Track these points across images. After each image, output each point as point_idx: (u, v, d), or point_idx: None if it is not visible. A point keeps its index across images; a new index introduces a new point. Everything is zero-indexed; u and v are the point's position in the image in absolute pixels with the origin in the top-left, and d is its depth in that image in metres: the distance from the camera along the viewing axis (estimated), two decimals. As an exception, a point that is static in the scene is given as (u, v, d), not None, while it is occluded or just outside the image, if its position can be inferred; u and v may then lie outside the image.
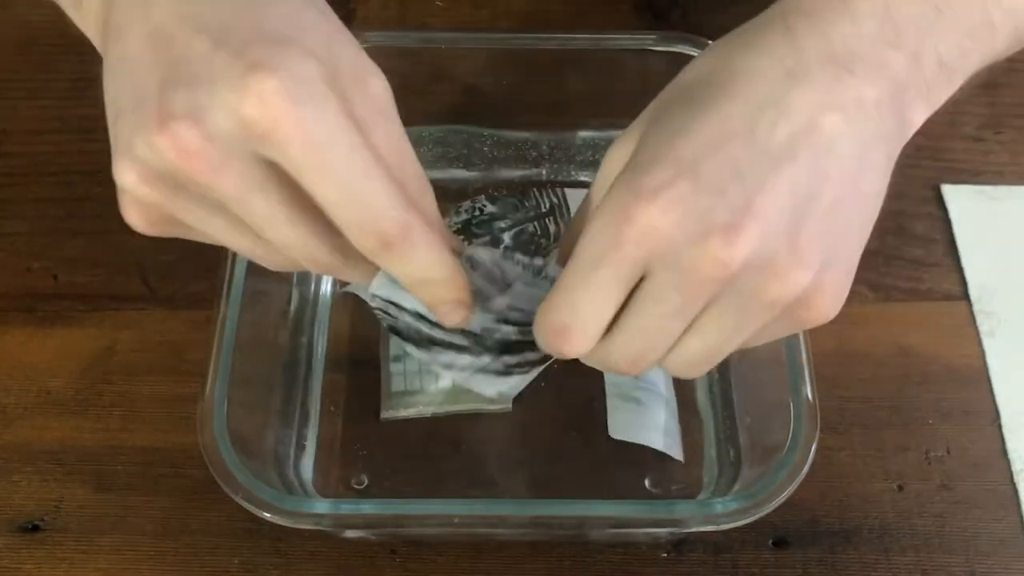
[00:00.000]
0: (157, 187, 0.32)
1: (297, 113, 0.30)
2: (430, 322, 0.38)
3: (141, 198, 0.33)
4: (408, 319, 0.38)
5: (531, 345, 0.37)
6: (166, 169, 0.31)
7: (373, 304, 0.39)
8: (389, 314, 0.39)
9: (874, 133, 0.34)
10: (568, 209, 0.56)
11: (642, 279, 0.33)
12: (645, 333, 0.34)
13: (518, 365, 0.40)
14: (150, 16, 0.32)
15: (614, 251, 0.32)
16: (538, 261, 0.40)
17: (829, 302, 0.34)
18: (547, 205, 0.56)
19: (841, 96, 0.33)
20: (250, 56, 0.30)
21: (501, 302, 0.38)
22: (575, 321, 0.34)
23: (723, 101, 0.33)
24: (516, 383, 0.40)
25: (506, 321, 0.38)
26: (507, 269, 0.39)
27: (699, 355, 0.35)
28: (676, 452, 0.50)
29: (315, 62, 0.31)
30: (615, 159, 0.35)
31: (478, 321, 0.38)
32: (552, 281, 0.36)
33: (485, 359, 0.39)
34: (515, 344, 0.39)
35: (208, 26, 0.31)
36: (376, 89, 0.34)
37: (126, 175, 0.32)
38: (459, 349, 0.39)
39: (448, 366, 0.39)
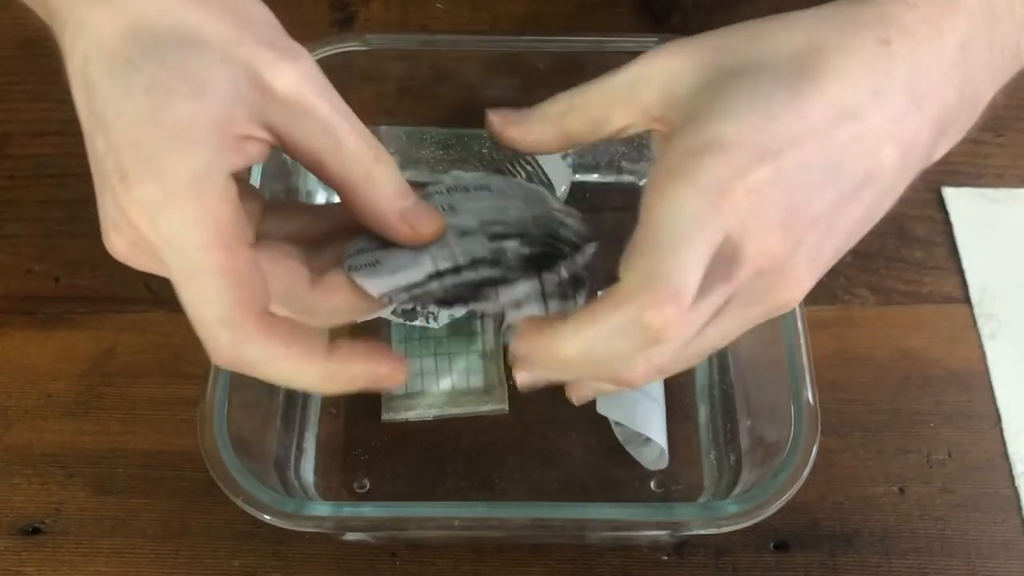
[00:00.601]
0: (133, 265, 0.34)
1: (154, 215, 0.31)
2: (440, 273, 0.36)
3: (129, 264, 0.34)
4: (431, 288, 0.36)
5: (560, 255, 0.36)
6: (127, 263, 0.34)
7: (396, 312, 0.37)
8: (416, 306, 0.37)
9: (911, 168, 0.35)
10: (544, 173, 0.56)
11: None
12: (721, 330, 0.34)
13: (574, 283, 0.38)
14: (75, 100, 0.33)
15: (711, 217, 0.31)
16: (448, 180, 0.39)
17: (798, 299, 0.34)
18: (524, 175, 0.56)
19: (905, 131, 0.34)
20: (119, 165, 0.31)
21: (460, 221, 0.37)
22: (682, 285, 0.31)
23: (812, 97, 0.32)
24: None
25: (500, 236, 0.37)
26: (444, 201, 0.39)
27: (696, 352, 0.35)
28: (663, 443, 0.50)
29: (187, 150, 0.31)
30: (663, 65, 0.34)
31: (471, 247, 0.37)
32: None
33: (532, 280, 0.36)
34: (543, 257, 0.37)
35: (98, 122, 0.31)
36: (284, 84, 0.32)
37: (109, 246, 0.34)
38: (496, 282, 0.36)
39: (516, 305, 0.36)
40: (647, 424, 0.49)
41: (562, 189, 0.57)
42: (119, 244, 0.33)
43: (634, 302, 0.31)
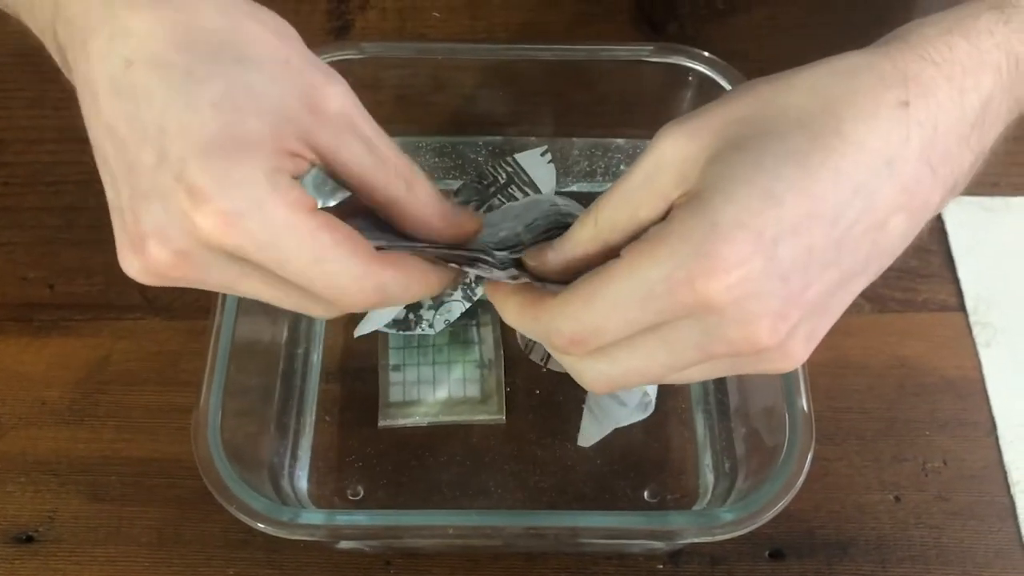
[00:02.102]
0: (156, 279, 0.34)
1: (241, 227, 0.31)
2: (436, 245, 0.38)
3: (143, 281, 0.34)
4: (427, 250, 0.38)
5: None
6: (156, 272, 0.33)
7: (389, 323, 0.38)
8: (409, 314, 0.39)
9: (918, 228, 0.34)
10: (525, 173, 0.56)
11: None
12: (639, 370, 0.34)
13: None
14: (99, 108, 0.33)
15: (661, 303, 0.31)
16: None
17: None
18: (504, 176, 0.56)
19: (916, 199, 0.33)
20: (186, 181, 0.31)
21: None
22: (593, 340, 0.33)
23: (822, 173, 0.31)
24: None
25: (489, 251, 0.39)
26: None
27: (668, 380, 0.35)
28: (640, 414, 0.49)
29: (254, 160, 0.31)
30: (675, 151, 0.33)
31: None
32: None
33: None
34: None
35: (147, 132, 0.31)
36: (335, 106, 0.34)
37: (129, 270, 0.34)
38: (494, 266, 0.38)
39: (504, 266, 0.38)
40: (620, 415, 0.49)
41: (546, 190, 0.57)
42: (161, 255, 0.32)
43: (552, 327, 0.34)
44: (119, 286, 0.57)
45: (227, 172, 0.31)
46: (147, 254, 0.32)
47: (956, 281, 0.57)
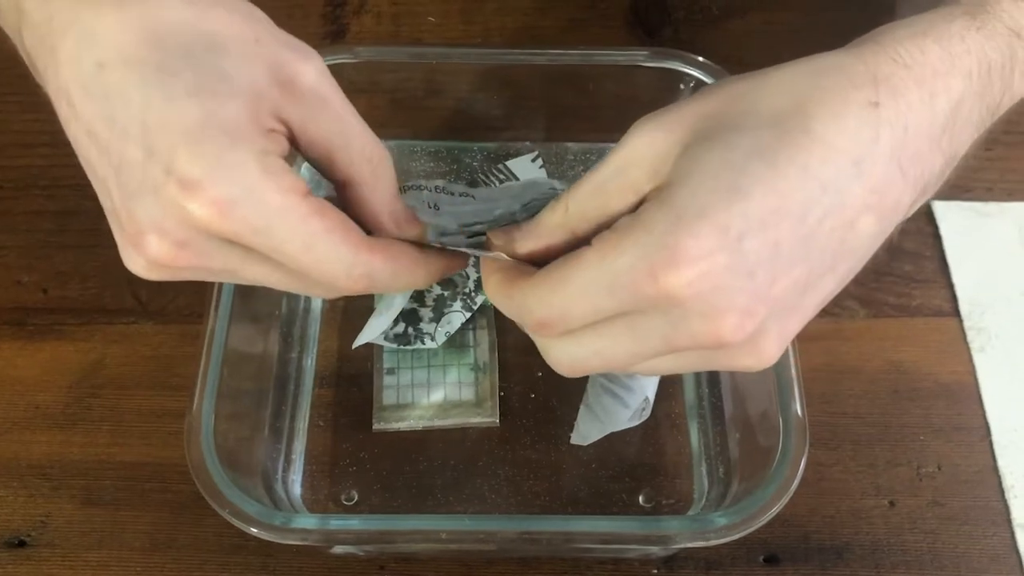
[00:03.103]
0: (162, 272, 0.34)
1: (236, 213, 0.32)
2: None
3: (149, 276, 0.35)
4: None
5: None
6: (161, 265, 0.34)
7: (389, 338, 0.43)
8: (409, 328, 0.43)
9: (888, 229, 0.34)
10: (516, 179, 0.57)
11: None
12: (604, 355, 0.34)
13: None
14: (77, 113, 0.33)
15: (626, 293, 0.31)
16: (438, 182, 0.42)
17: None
18: (498, 184, 0.56)
19: (886, 199, 0.33)
20: (177, 172, 0.31)
21: (441, 221, 0.40)
22: (561, 324, 0.34)
23: (789, 169, 0.31)
24: None
25: (480, 235, 0.39)
26: (430, 199, 0.41)
27: (635, 370, 0.35)
28: (638, 420, 0.50)
29: (242, 144, 0.32)
30: (647, 145, 0.33)
31: (450, 243, 0.39)
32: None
33: None
34: None
35: (129, 131, 0.31)
36: (306, 81, 0.34)
37: (134, 267, 0.34)
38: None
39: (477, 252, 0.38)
40: (621, 417, 0.49)
41: None
42: (162, 248, 0.33)
43: (523, 307, 0.34)
44: (113, 290, 0.57)
45: (217, 159, 0.31)
46: (148, 249, 0.33)
47: (950, 286, 0.57)
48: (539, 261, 0.36)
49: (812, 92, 0.32)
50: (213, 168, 0.31)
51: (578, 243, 0.34)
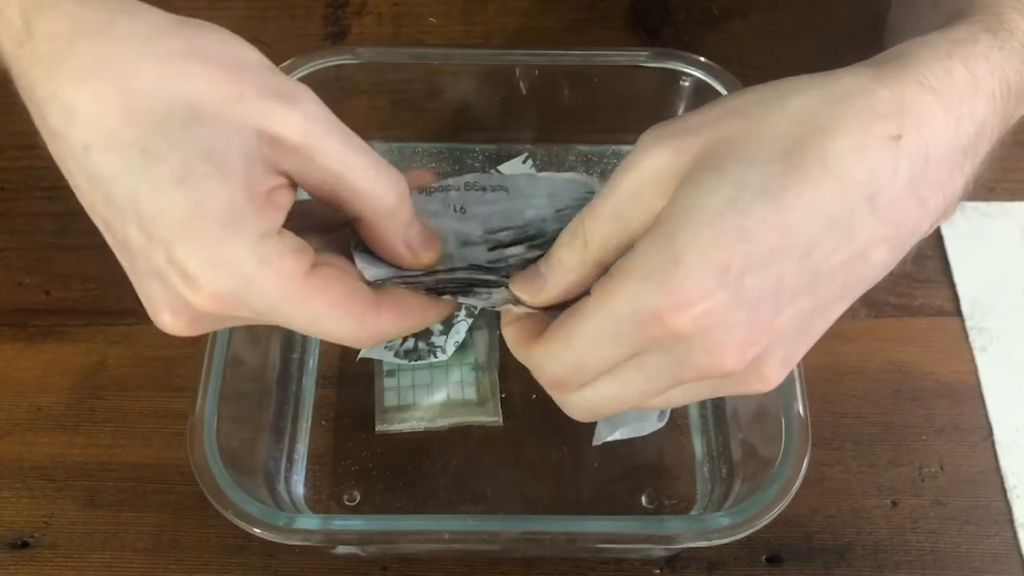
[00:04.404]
0: (184, 333, 0.35)
1: (238, 302, 0.32)
2: (435, 271, 0.38)
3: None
4: (423, 280, 0.38)
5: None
6: (183, 333, 0.35)
7: (398, 354, 0.44)
8: (419, 343, 0.44)
9: (903, 254, 0.34)
10: None
11: None
12: (619, 398, 0.34)
13: None
14: (77, 186, 0.33)
15: (633, 338, 0.32)
16: (469, 177, 0.41)
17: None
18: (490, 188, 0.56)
19: (902, 230, 0.32)
20: (177, 263, 0.31)
21: (465, 228, 0.39)
22: (575, 380, 0.34)
23: (797, 205, 0.30)
24: None
25: (504, 244, 0.39)
26: (457, 200, 0.40)
27: (650, 405, 0.36)
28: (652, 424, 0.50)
29: (238, 235, 0.31)
30: (658, 168, 0.32)
31: (471, 256, 0.39)
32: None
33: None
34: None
35: (126, 214, 0.31)
36: (293, 133, 0.32)
37: (163, 326, 0.35)
38: (489, 284, 0.38)
39: (505, 303, 0.37)
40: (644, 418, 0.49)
41: None
42: (177, 323, 0.34)
43: (537, 368, 0.35)
44: (114, 291, 0.57)
45: (214, 254, 0.31)
46: (164, 323, 0.34)
47: (952, 286, 0.57)
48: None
49: (833, 122, 0.31)
50: (209, 264, 0.31)
51: (603, 273, 0.34)
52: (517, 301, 0.37)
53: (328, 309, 0.33)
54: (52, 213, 0.60)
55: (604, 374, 0.34)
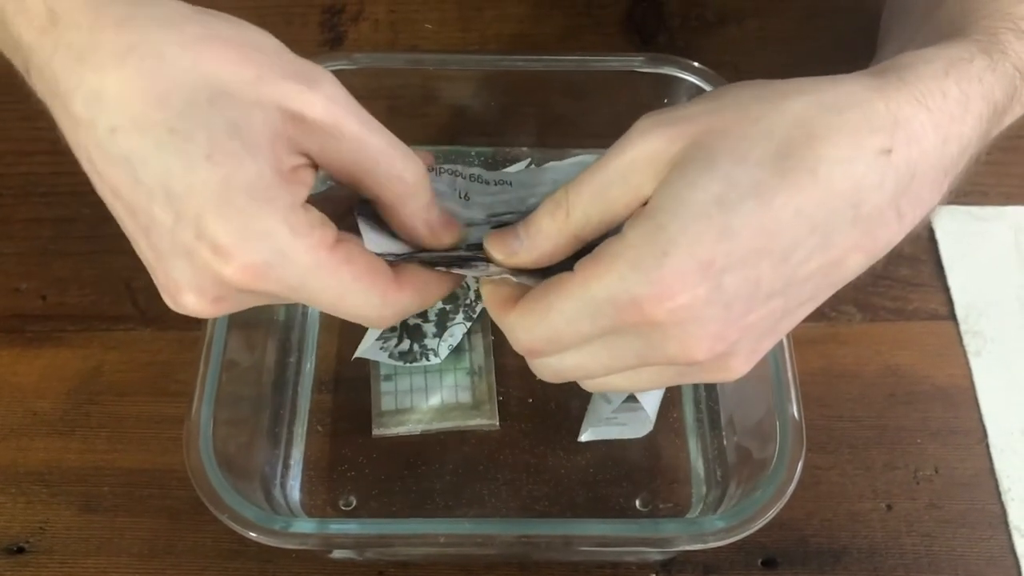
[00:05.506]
0: (202, 315, 0.35)
1: (270, 276, 0.32)
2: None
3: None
4: (421, 256, 0.38)
5: None
6: (203, 315, 0.35)
7: (393, 356, 0.45)
8: (414, 345, 0.44)
9: (872, 262, 0.34)
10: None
11: None
12: (583, 367, 0.35)
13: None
14: (99, 172, 0.33)
15: (609, 320, 0.33)
16: (474, 170, 0.41)
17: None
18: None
19: (879, 240, 0.33)
20: (208, 236, 0.32)
21: (469, 213, 0.40)
22: (547, 350, 0.35)
23: (783, 212, 0.31)
24: None
25: (507, 224, 0.38)
26: (463, 187, 0.41)
27: (611, 389, 0.37)
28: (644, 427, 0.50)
29: (270, 206, 0.32)
30: (651, 152, 0.33)
31: (473, 236, 0.39)
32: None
33: None
34: None
35: (154, 195, 0.31)
36: (316, 112, 0.33)
37: (174, 309, 0.35)
38: (488, 260, 0.38)
39: (489, 275, 0.38)
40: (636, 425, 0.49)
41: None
42: (200, 302, 0.34)
43: (512, 334, 0.35)
44: (111, 297, 0.57)
45: (246, 225, 0.32)
46: (186, 305, 0.34)
47: (947, 290, 0.58)
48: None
49: (827, 130, 0.32)
50: (242, 235, 0.31)
51: (580, 246, 0.35)
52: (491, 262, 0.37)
53: (354, 281, 0.34)
54: (49, 218, 0.60)
55: (574, 347, 0.35)
